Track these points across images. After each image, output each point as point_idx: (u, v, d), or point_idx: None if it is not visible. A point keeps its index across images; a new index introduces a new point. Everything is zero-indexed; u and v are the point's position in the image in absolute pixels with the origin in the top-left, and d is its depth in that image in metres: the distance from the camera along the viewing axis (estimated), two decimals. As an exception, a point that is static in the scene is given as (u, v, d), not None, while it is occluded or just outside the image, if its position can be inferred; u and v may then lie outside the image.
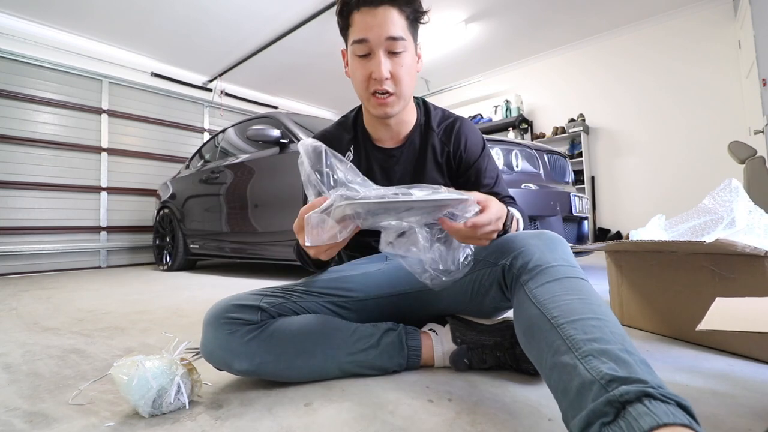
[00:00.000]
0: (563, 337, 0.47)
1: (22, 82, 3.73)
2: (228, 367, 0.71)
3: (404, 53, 0.73)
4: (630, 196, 4.08)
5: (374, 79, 0.73)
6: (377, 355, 0.76)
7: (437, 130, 0.87)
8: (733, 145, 2.34)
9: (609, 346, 0.43)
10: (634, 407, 0.36)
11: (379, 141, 0.88)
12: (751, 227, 0.93)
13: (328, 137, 0.91)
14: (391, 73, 0.73)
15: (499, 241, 0.70)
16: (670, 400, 0.36)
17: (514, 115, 4.76)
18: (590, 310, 0.49)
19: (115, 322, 1.42)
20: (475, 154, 0.86)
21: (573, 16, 3.91)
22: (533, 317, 0.54)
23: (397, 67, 0.73)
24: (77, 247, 3.98)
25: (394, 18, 0.70)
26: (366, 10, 0.70)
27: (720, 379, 0.73)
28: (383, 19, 0.70)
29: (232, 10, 3.58)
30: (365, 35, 0.71)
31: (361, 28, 0.71)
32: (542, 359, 0.50)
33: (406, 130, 0.86)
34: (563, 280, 0.56)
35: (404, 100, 0.78)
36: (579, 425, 0.39)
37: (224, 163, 3.05)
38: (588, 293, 0.53)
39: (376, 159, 0.88)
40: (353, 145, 0.89)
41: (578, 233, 2.31)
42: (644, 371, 0.40)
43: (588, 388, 0.40)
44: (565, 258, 0.60)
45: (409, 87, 0.77)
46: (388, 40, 0.71)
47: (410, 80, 0.76)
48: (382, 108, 0.76)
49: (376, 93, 0.74)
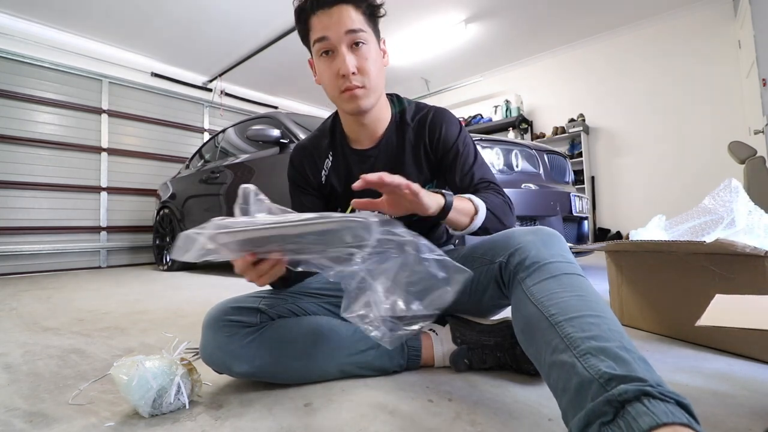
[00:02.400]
0: (561, 335, 0.47)
1: (22, 82, 3.73)
2: (228, 370, 0.71)
3: (367, 45, 0.73)
4: (630, 196, 4.08)
5: (342, 76, 0.72)
6: (377, 356, 0.76)
7: (412, 124, 0.85)
8: (733, 145, 2.34)
9: (607, 343, 0.43)
10: (633, 406, 0.35)
11: (357, 143, 0.87)
12: (751, 227, 0.93)
13: (307, 148, 0.91)
14: (357, 67, 0.72)
15: (495, 237, 0.70)
16: (669, 399, 0.36)
17: (514, 115, 4.76)
18: (588, 307, 0.49)
19: (115, 322, 1.42)
20: (451, 140, 0.84)
21: (573, 16, 3.91)
22: (531, 315, 0.53)
23: (362, 60, 0.72)
24: (77, 247, 3.98)
25: (351, 14, 0.71)
26: (322, 12, 0.71)
27: (720, 379, 0.73)
28: (339, 16, 0.70)
29: (232, 10, 3.58)
30: (324, 33, 0.71)
31: (319, 29, 0.71)
32: (541, 358, 0.50)
33: (382, 128, 0.85)
34: (561, 277, 0.55)
35: (375, 93, 0.76)
36: (578, 425, 0.39)
37: (224, 163, 3.05)
38: (586, 290, 0.53)
39: (354, 162, 0.86)
40: (332, 150, 0.89)
41: (578, 233, 2.31)
42: (643, 369, 0.40)
43: (587, 387, 0.40)
44: (562, 254, 0.60)
45: (378, 79, 0.76)
46: (349, 34, 0.71)
47: (378, 73, 0.75)
48: (354, 101, 0.74)
49: (346, 89, 0.74)
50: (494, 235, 0.71)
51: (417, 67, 4.92)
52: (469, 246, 0.78)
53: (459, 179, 0.81)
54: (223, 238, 0.49)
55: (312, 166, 0.90)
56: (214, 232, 0.49)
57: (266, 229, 0.48)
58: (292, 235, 0.49)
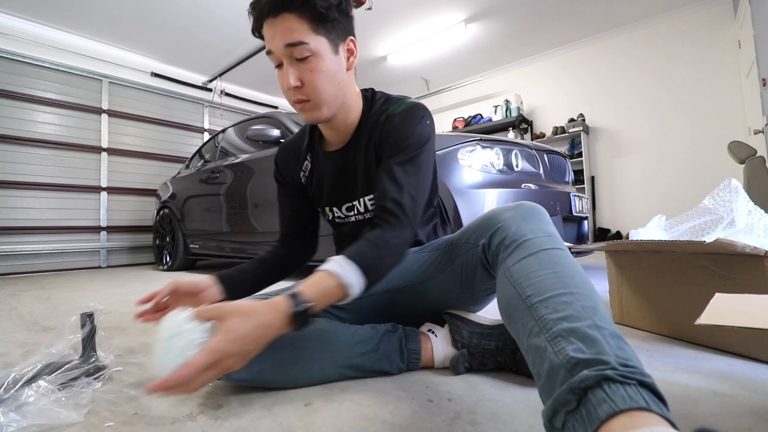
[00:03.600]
0: (536, 318, 0.46)
1: (22, 82, 3.73)
2: (225, 376, 0.70)
3: (312, 57, 0.68)
4: (630, 196, 4.08)
5: (288, 90, 0.71)
6: (376, 360, 0.76)
7: (371, 119, 0.80)
8: (733, 145, 2.35)
9: (578, 324, 0.42)
10: (594, 393, 0.35)
11: (330, 144, 0.87)
12: (751, 227, 0.93)
13: (288, 149, 0.93)
14: (300, 81, 0.69)
15: (479, 218, 0.70)
16: (631, 380, 0.35)
17: (514, 115, 4.76)
18: (563, 285, 0.48)
19: (115, 322, 1.42)
20: (393, 133, 0.75)
21: (573, 16, 3.91)
22: (510, 297, 0.53)
23: (305, 74, 0.69)
24: (77, 247, 3.98)
25: (293, 25, 0.66)
26: (269, 22, 0.68)
27: (720, 379, 0.73)
28: (281, 28, 0.67)
29: (232, 9, 3.57)
30: (270, 47, 0.70)
31: (267, 40, 0.70)
32: (521, 342, 0.49)
33: (350, 130, 0.83)
34: (539, 254, 0.54)
35: (327, 103, 0.73)
36: (547, 414, 0.38)
37: (224, 163, 3.05)
38: (563, 265, 0.52)
39: (327, 166, 0.86)
40: (310, 152, 0.89)
41: (578, 233, 2.31)
42: (613, 347, 0.39)
43: (556, 373, 0.39)
44: (542, 228, 0.59)
45: (328, 91, 0.72)
46: (288, 48, 0.67)
47: (327, 84, 0.71)
48: (305, 113, 0.74)
49: (295, 102, 0.73)
50: (479, 217, 0.71)
51: (417, 67, 4.92)
52: (457, 232, 0.78)
53: (378, 173, 0.75)
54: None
55: (292, 167, 0.91)
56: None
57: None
58: None
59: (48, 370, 0.73)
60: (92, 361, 0.82)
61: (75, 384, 0.74)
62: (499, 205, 1.80)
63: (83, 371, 0.77)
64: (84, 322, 0.84)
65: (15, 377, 0.68)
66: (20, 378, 0.68)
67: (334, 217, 0.92)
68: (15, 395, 0.65)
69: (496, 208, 0.67)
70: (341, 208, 0.89)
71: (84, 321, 0.84)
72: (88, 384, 0.75)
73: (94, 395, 0.73)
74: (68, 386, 0.72)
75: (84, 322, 0.84)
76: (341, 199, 0.87)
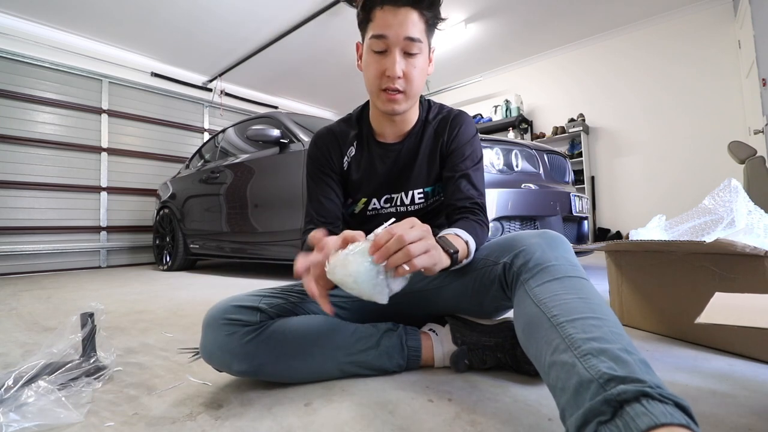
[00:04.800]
0: (562, 336, 0.47)
1: (22, 82, 3.73)
2: (227, 368, 0.71)
3: (419, 55, 0.75)
4: (630, 196, 4.08)
5: (387, 77, 0.75)
6: (377, 356, 0.76)
7: (433, 122, 0.89)
8: (733, 145, 2.35)
9: (608, 345, 0.43)
10: (631, 407, 0.35)
11: (382, 136, 0.90)
12: (751, 227, 0.93)
13: (334, 132, 0.93)
14: (404, 72, 0.75)
15: (501, 239, 0.71)
16: (668, 401, 0.36)
17: (514, 115, 4.76)
18: (590, 310, 0.49)
19: (115, 322, 1.42)
20: (462, 141, 0.87)
21: (573, 16, 3.91)
22: (533, 315, 0.53)
23: (410, 68, 0.75)
24: (77, 247, 3.98)
25: (414, 20, 0.72)
26: (388, 9, 0.72)
27: (720, 379, 0.73)
28: (404, 19, 0.72)
29: (232, 10, 3.58)
30: (384, 32, 0.73)
31: (380, 25, 0.73)
32: (541, 357, 0.49)
33: (408, 127, 0.89)
34: (564, 279, 0.56)
35: (412, 99, 0.80)
36: (576, 423, 0.39)
37: (224, 163, 3.05)
38: (588, 292, 0.53)
39: (377, 154, 0.90)
40: (357, 140, 0.92)
41: (578, 233, 2.31)
42: (643, 371, 0.40)
43: (586, 387, 0.40)
44: (566, 257, 0.60)
45: (419, 88, 0.79)
46: (406, 41, 0.73)
47: (421, 81, 0.79)
48: (391, 104, 0.78)
49: (387, 89, 0.76)
50: (499, 238, 0.73)
51: (417, 67, 4.92)
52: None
53: (447, 175, 0.85)
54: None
55: (336, 150, 0.92)
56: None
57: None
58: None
59: (48, 370, 0.73)
60: (92, 361, 0.82)
61: (75, 384, 0.74)
62: (499, 204, 1.83)
63: (83, 371, 0.77)
64: (84, 322, 0.84)
65: (15, 377, 0.68)
66: (20, 378, 0.68)
67: (365, 208, 0.92)
68: (15, 395, 0.65)
69: (520, 233, 0.69)
70: (380, 199, 0.91)
71: (84, 321, 0.84)
72: (88, 384, 0.75)
73: (94, 395, 0.73)
74: (68, 386, 0.72)
75: (84, 322, 0.84)
76: (387, 189, 0.90)
